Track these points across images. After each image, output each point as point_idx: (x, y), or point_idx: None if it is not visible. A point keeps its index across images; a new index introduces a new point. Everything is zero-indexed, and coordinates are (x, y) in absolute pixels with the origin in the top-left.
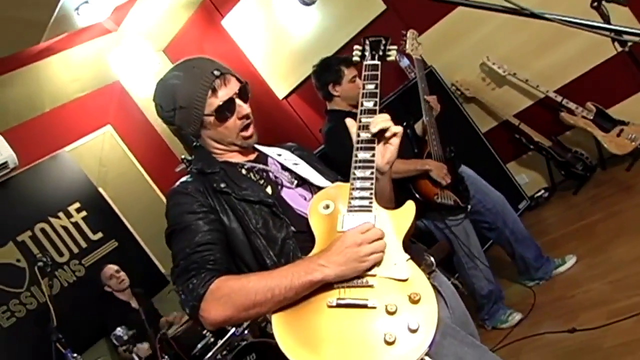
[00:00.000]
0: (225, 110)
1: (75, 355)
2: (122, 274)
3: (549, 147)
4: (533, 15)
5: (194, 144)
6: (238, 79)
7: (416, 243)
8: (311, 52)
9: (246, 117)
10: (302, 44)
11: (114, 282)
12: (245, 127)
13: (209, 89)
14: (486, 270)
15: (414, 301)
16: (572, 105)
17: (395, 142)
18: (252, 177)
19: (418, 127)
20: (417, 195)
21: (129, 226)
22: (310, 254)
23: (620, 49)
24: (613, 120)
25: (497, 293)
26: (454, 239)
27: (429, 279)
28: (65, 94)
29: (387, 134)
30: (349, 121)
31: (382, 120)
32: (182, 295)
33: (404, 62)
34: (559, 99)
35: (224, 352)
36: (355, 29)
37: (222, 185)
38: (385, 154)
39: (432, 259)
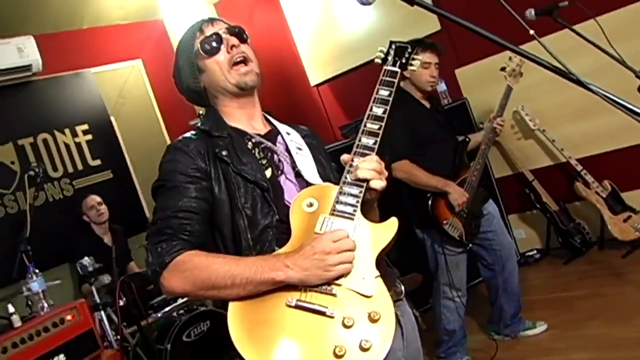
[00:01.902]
0: (211, 41)
1: (36, 271)
2: (103, 207)
3: (554, 211)
4: (578, 82)
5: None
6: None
7: (392, 267)
8: (355, 49)
9: (237, 48)
10: (350, 38)
11: (93, 213)
12: (239, 62)
13: (197, 30)
14: (461, 306)
15: (373, 320)
16: (589, 178)
17: (374, 194)
18: (257, 154)
19: (476, 137)
20: (430, 211)
21: (128, 162)
22: (282, 250)
23: None
24: (624, 205)
25: (461, 335)
26: (442, 265)
27: (393, 306)
28: (107, 17)
29: (369, 185)
30: (344, 157)
31: (366, 170)
32: (149, 257)
33: (442, 87)
34: (579, 167)
35: (181, 311)
36: (404, 39)
37: (224, 153)
38: (365, 195)
39: (402, 287)
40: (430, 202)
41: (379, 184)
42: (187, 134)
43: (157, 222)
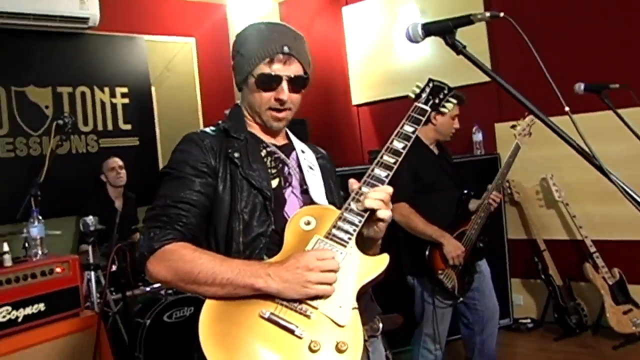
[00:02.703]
0: (267, 81)
1: (39, 217)
2: (123, 172)
3: (557, 286)
4: (600, 168)
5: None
6: (303, 68)
7: (374, 303)
8: (404, 80)
9: (282, 102)
10: (401, 67)
11: (112, 175)
12: (277, 109)
13: (268, 56)
14: (439, 358)
15: (340, 350)
16: (600, 262)
17: (381, 225)
18: (268, 163)
19: (474, 203)
20: (427, 259)
21: (157, 134)
22: (269, 260)
23: None
24: (628, 297)
25: None
26: (429, 314)
27: (365, 340)
28: None
29: (376, 216)
30: (351, 182)
31: (374, 199)
32: (141, 239)
33: (477, 137)
34: (592, 249)
35: (169, 291)
36: (454, 81)
37: (236, 154)
38: (368, 228)
39: (380, 325)
40: (427, 251)
41: (386, 213)
42: (206, 129)
43: (156, 208)
